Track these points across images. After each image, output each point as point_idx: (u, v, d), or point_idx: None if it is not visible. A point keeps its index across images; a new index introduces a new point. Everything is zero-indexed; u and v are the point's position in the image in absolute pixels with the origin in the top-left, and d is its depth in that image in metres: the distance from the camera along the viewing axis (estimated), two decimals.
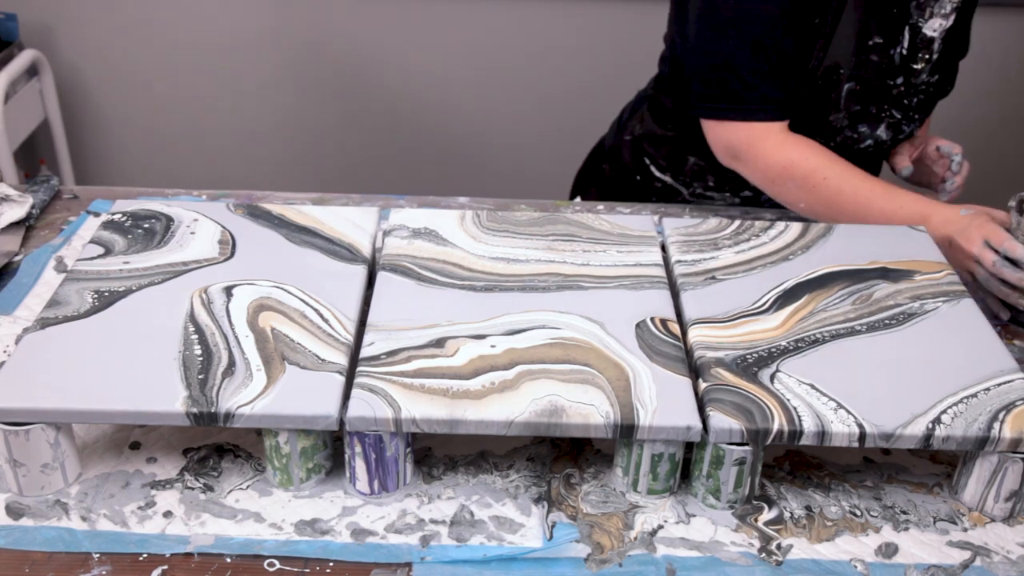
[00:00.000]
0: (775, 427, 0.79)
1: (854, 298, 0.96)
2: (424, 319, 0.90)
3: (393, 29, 2.35)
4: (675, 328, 0.90)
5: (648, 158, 1.38)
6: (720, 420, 0.80)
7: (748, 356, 0.87)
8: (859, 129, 1.24)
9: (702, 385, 0.84)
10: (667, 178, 1.37)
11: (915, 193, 1.16)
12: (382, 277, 0.97)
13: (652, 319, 0.91)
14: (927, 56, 1.20)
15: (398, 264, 0.98)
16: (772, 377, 0.84)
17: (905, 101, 1.24)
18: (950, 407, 0.82)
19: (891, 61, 1.20)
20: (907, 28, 1.19)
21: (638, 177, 1.40)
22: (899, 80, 1.22)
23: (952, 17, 1.20)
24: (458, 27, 2.37)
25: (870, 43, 1.18)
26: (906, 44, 1.19)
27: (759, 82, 1.16)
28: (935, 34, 1.20)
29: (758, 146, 1.19)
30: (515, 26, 2.36)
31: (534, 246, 1.03)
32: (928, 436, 0.80)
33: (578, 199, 1.50)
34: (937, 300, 0.96)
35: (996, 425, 0.80)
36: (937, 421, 0.80)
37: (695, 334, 0.90)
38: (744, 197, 1.35)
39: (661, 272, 0.99)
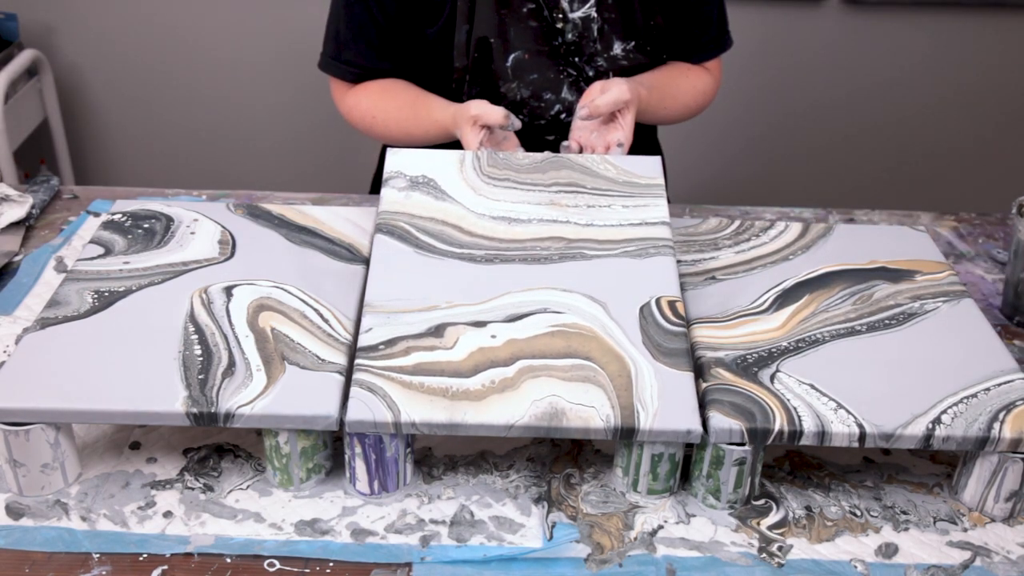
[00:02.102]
0: (776, 427, 0.79)
1: (855, 298, 0.96)
2: (423, 298, 0.89)
3: None
4: (680, 308, 0.90)
5: None
6: (720, 421, 0.80)
7: (748, 356, 0.87)
8: (544, 98, 1.25)
9: (702, 385, 0.84)
10: None
11: (439, 101, 1.23)
12: (379, 241, 0.96)
13: (657, 301, 0.91)
14: (561, 16, 1.23)
15: (396, 226, 0.97)
16: (772, 377, 0.84)
17: (574, 59, 1.25)
18: (950, 407, 0.82)
19: (548, 24, 1.22)
20: None
21: None
22: (557, 41, 1.23)
23: None
24: None
25: (524, 10, 1.21)
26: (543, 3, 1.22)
27: (343, 48, 1.29)
28: None
29: (336, 98, 1.35)
30: None
31: (536, 200, 1.01)
32: (928, 436, 0.80)
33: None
34: (937, 300, 0.96)
35: (996, 425, 0.80)
36: (937, 421, 0.80)
37: (696, 334, 0.90)
38: None
39: (666, 232, 0.98)
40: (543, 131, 1.29)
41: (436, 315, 0.88)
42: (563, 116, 1.27)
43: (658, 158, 1.09)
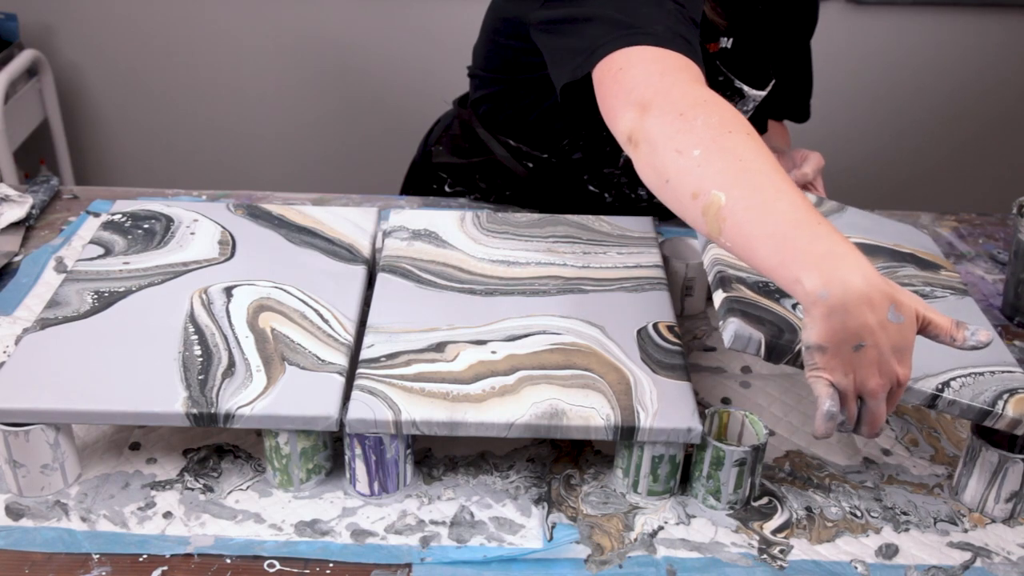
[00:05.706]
0: (798, 341, 0.76)
1: None
2: (424, 322, 0.90)
3: (394, 28, 2.34)
4: (678, 331, 0.90)
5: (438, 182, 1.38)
6: (741, 327, 0.77)
7: (770, 284, 0.84)
8: None
9: (722, 295, 0.81)
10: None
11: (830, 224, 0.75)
12: (382, 279, 0.97)
13: (655, 325, 0.91)
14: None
15: (397, 266, 0.98)
16: (794, 306, 0.83)
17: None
18: (959, 376, 0.82)
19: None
20: None
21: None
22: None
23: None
24: (461, 27, 2.36)
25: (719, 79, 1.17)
26: None
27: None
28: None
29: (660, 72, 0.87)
30: None
31: (534, 248, 1.02)
32: (935, 397, 0.80)
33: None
34: (945, 291, 0.96)
35: (1000, 403, 0.80)
36: (946, 384, 0.80)
37: (713, 253, 0.88)
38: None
39: (661, 273, 0.99)
40: None
41: (437, 335, 0.88)
42: None
43: (651, 218, 1.10)
